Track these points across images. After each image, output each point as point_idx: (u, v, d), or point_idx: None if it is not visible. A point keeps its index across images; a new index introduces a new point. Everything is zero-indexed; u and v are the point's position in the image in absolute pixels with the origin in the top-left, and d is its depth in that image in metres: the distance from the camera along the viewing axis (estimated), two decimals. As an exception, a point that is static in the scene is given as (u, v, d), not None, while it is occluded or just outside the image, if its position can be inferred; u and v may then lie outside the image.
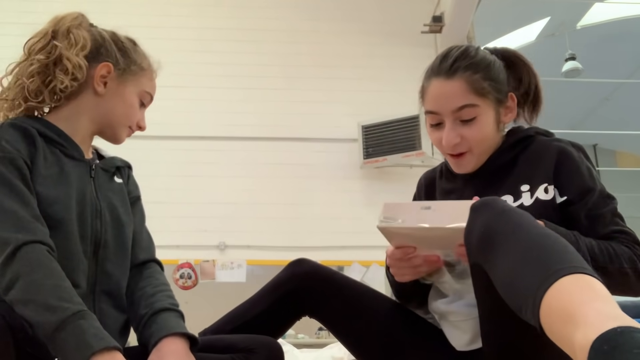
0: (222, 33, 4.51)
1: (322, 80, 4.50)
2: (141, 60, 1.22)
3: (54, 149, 1.11)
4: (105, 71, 1.16)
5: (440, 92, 1.18)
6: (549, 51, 6.85)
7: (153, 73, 1.25)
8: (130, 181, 1.28)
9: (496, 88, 1.19)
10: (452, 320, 1.15)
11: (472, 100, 1.15)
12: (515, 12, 6.58)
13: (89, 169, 1.16)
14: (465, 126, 1.17)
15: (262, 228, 4.13)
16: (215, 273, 4.06)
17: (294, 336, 3.91)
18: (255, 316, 1.22)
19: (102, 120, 1.19)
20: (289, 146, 4.37)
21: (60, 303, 0.91)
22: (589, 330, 0.61)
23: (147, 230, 1.27)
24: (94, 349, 0.88)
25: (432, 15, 4.53)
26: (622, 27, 6.95)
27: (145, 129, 1.26)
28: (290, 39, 4.58)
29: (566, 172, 1.14)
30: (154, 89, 1.26)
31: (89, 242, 1.10)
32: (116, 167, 1.24)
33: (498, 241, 0.82)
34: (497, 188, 1.19)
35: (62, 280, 0.96)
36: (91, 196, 1.13)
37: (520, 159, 1.20)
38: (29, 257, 0.95)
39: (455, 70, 1.16)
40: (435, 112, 1.19)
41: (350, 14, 4.68)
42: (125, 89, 1.19)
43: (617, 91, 8.00)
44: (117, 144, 1.25)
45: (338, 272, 1.29)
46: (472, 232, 0.88)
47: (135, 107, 1.21)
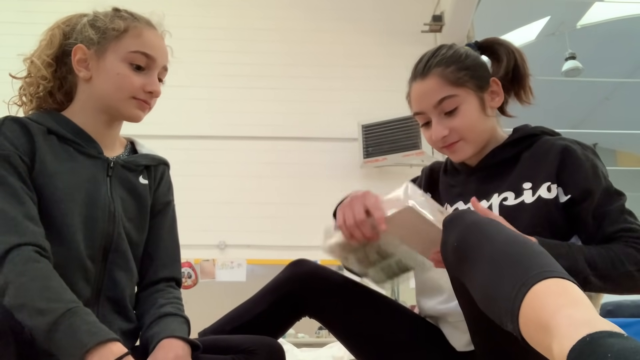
0: (222, 33, 4.51)
1: (322, 80, 4.50)
2: (120, 23, 1.10)
3: (67, 146, 1.07)
4: (80, 54, 1.10)
5: (418, 92, 1.22)
6: (549, 50, 6.84)
7: (139, 28, 1.11)
8: (162, 183, 1.21)
9: (474, 75, 1.21)
10: (451, 321, 1.15)
11: (449, 92, 1.18)
12: (515, 11, 6.57)
13: (106, 167, 1.11)
14: (450, 118, 1.19)
15: (262, 227, 4.13)
16: (215, 272, 4.06)
17: (294, 335, 3.91)
18: (255, 316, 1.22)
19: (102, 103, 1.11)
20: (289, 145, 4.37)
21: (49, 305, 0.89)
22: (564, 341, 0.60)
23: (176, 241, 1.21)
24: (87, 346, 0.86)
25: (432, 14, 4.53)
26: (622, 26, 6.94)
27: (158, 93, 1.14)
28: (290, 38, 4.57)
29: (570, 171, 1.13)
30: (147, 44, 1.11)
31: (98, 246, 1.06)
32: (144, 165, 1.18)
33: (470, 255, 0.82)
34: (498, 183, 1.20)
35: (50, 280, 0.93)
36: (105, 196, 1.08)
37: (523, 156, 1.20)
38: (16, 261, 0.92)
39: (428, 69, 1.21)
40: (420, 112, 1.23)
41: (351, 14, 4.67)
42: (105, 61, 1.09)
43: (617, 90, 7.99)
44: (137, 121, 1.13)
45: (338, 273, 1.29)
46: (446, 246, 0.88)
47: (125, 74, 1.08)
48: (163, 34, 1.17)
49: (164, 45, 1.16)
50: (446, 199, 1.30)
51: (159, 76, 1.14)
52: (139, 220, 1.14)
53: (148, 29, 1.13)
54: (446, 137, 1.20)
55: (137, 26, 1.11)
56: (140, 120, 1.14)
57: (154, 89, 1.11)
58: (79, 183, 1.05)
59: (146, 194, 1.16)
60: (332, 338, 2.18)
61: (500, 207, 1.16)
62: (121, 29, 1.09)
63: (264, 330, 1.16)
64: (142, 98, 1.11)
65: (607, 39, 7.08)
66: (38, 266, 0.93)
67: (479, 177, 1.24)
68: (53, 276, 0.94)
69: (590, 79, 7.04)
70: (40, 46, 1.14)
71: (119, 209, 1.10)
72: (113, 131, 1.16)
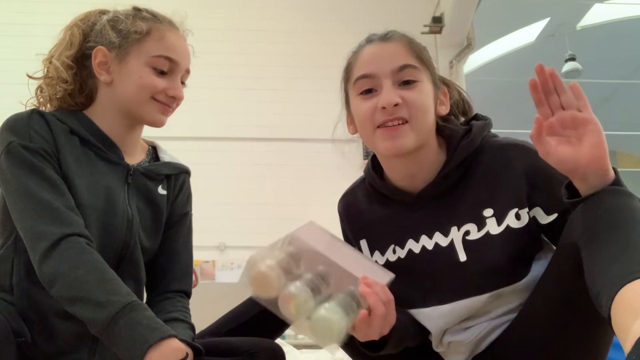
0: (222, 33, 4.51)
1: (321, 81, 4.49)
2: (142, 25, 1.06)
3: (89, 150, 1.05)
4: (101, 57, 1.06)
5: (377, 52, 1.04)
6: (549, 52, 6.85)
7: (161, 30, 1.07)
8: (181, 193, 1.17)
9: (432, 67, 1.08)
10: (452, 346, 1.12)
11: (413, 62, 1.03)
12: (515, 12, 6.58)
13: (126, 174, 1.08)
14: (405, 89, 1.02)
15: (262, 229, 4.12)
16: (215, 274, 4.06)
17: (294, 337, 3.91)
18: (252, 318, 1.19)
19: (124, 106, 1.07)
20: (289, 146, 4.37)
21: (109, 297, 0.89)
22: None
23: (190, 253, 1.18)
24: (150, 342, 0.86)
25: (432, 16, 4.53)
26: (622, 27, 6.95)
27: (181, 98, 1.09)
28: (290, 39, 4.58)
29: (545, 189, 1.00)
30: (170, 48, 1.07)
31: (112, 254, 1.04)
32: (165, 175, 1.14)
33: (611, 228, 0.79)
34: (452, 213, 1.05)
35: (106, 272, 0.92)
36: (123, 204, 1.06)
37: (473, 179, 1.05)
38: (69, 252, 0.92)
39: (391, 35, 1.07)
40: (372, 74, 1.03)
41: (350, 15, 4.67)
42: (127, 64, 1.05)
43: (617, 92, 8.00)
44: (159, 126, 1.10)
45: None
46: (590, 209, 0.84)
47: (147, 78, 1.05)
48: (185, 34, 1.13)
49: (186, 47, 1.12)
50: (387, 235, 1.12)
51: (181, 79, 1.11)
52: (153, 229, 1.12)
53: (170, 31, 1.09)
54: (397, 107, 1.00)
55: (160, 28, 1.07)
56: (163, 125, 1.10)
57: (177, 93, 1.08)
58: (98, 189, 1.03)
59: (163, 205, 1.13)
60: (332, 339, 2.17)
61: (464, 243, 1.03)
62: (143, 31, 1.05)
63: (261, 332, 1.15)
64: (163, 100, 1.07)
65: (607, 41, 7.09)
66: (93, 258, 0.93)
67: (424, 213, 1.07)
68: (108, 269, 0.93)
69: (590, 80, 7.04)
70: (59, 46, 1.10)
71: (136, 217, 1.07)
72: (134, 135, 1.13)
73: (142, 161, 1.15)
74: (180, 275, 1.15)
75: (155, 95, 1.06)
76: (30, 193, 0.95)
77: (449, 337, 1.10)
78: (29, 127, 0.99)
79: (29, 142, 0.98)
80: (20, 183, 0.96)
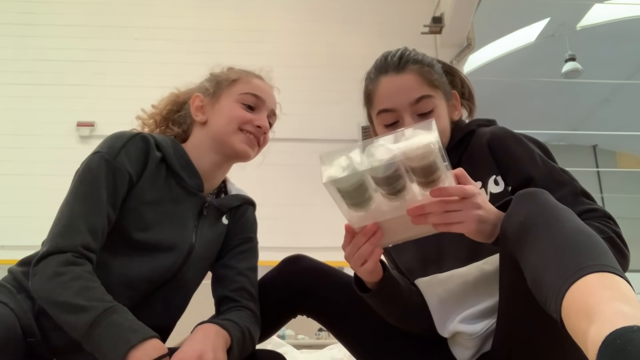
0: (221, 34, 4.52)
1: (321, 81, 4.50)
2: (232, 75, 1.24)
3: (171, 179, 1.12)
4: (198, 102, 1.22)
5: (393, 87, 1.13)
6: (549, 52, 6.86)
7: (249, 77, 1.24)
8: (243, 220, 1.25)
9: (443, 82, 1.17)
10: (459, 339, 1.13)
11: (428, 92, 1.12)
12: (515, 12, 6.59)
13: (201, 206, 1.16)
14: (423, 119, 1.09)
15: (262, 228, 4.07)
16: (215, 274, 4.05)
17: (294, 337, 3.91)
18: None
19: (215, 141, 1.18)
20: (289, 147, 4.37)
21: (91, 302, 0.91)
22: (604, 325, 0.60)
23: (253, 279, 1.19)
24: (132, 342, 0.88)
25: (432, 16, 4.53)
26: (622, 27, 6.95)
27: (266, 127, 1.23)
28: (290, 40, 4.58)
29: (503, 160, 1.07)
30: (256, 88, 1.23)
31: (157, 280, 1.08)
32: (231, 207, 1.23)
33: (534, 233, 0.80)
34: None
35: (92, 282, 0.95)
36: (189, 235, 1.12)
37: (463, 158, 1.14)
38: (58, 261, 0.95)
39: (404, 64, 1.15)
40: (392, 109, 1.13)
41: (350, 15, 4.68)
42: (219, 103, 1.20)
43: (617, 92, 8.01)
44: (247, 159, 1.22)
45: (338, 270, 1.26)
46: (510, 219, 0.86)
47: (235, 110, 1.19)
48: (271, 86, 1.30)
49: (272, 92, 1.28)
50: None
51: (269, 120, 1.25)
52: (206, 259, 1.19)
53: (257, 78, 1.26)
54: None
55: (248, 74, 1.25)
56: (249, 157, 1.22)
57: (262, 123, 1.21)
58: (168, 217, 1.09)
59: (222, 234, 1.21)
60: (332, 340, 2.18)
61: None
62: (236, 79, 1.23)
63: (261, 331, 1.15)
64: (250, 130, 1.19)
65: (607, 41, 7.09)
66: (80, 269, 0.96)
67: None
68: (95, 280, 0.96)
69: (590, 80, 7.05)
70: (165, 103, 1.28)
71: (197, 251, 1.14)
72: (220, 172, 1.23)
73: (212, 193, 1.23)
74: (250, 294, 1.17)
75: (243, 125, 1.19)
76: (72, 199, 1.02)
77: (455, 324, 1.10)
78: (123, 148, 1.06)
79: (113, 160, 1.04)
80: (75, 187, 1.03)
